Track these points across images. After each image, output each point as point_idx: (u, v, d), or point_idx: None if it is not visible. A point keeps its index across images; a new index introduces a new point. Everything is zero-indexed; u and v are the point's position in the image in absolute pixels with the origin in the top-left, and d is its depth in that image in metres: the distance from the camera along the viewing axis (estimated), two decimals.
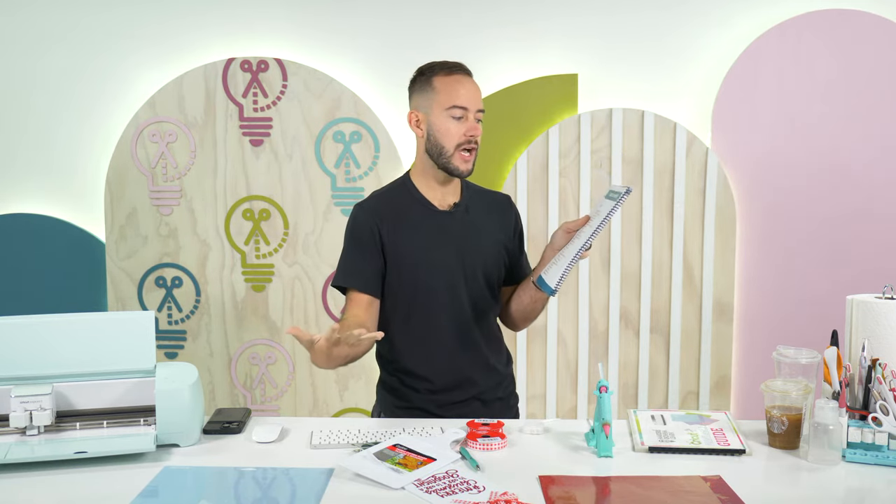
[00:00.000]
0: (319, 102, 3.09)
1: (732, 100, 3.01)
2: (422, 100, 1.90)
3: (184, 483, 1.52)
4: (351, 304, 1.89)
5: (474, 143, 1.87)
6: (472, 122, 1.86)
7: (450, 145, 1.86)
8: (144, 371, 1.73)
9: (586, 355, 3.11)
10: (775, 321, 3.06)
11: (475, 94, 1.87)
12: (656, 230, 3.05)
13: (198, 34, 3.13)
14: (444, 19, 3.08)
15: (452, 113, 1.85)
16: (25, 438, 1.64)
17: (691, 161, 3.02)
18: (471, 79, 1.90)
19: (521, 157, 3.05)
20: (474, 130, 1.86)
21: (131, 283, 3.17)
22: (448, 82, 1.87)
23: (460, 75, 1.88)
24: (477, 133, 1.86)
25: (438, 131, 1.86)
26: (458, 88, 1.86)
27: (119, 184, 3.14)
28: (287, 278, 3.15)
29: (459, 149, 1.86)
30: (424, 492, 1.44)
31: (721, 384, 3.08)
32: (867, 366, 1.60)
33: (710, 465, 1.59)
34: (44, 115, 3.19)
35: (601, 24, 3.06)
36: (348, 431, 1.74)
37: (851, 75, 2.96)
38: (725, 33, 3.03)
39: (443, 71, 1.88)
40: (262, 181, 3.13)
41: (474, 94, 1.87)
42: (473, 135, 1.86)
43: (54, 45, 3.16)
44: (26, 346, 1.69)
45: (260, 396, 3.19)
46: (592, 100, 3.07)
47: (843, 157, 3.00)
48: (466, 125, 1.86)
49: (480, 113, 1.88)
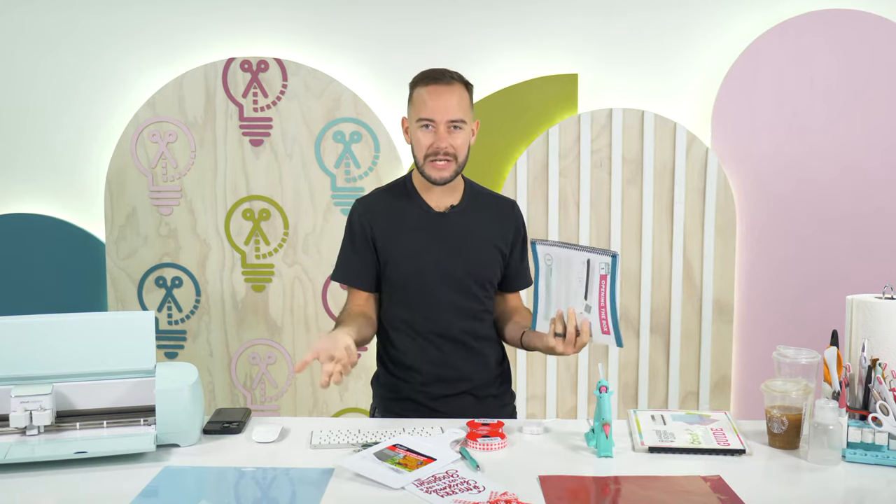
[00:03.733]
0: (319, 102, 3.09)
1: (732, 100, 3.01)
2: (408, 110, 1.95)
3: (184, 483, 1.52)
4: (352, 295, 2.00)
5: (444, 153, 1.87)
6: (442, 132, 1.86)
7: (419, 155, 1.90)
8: (144, 371, 1.73)
9: (586, 355, 3.11)
10: (775, 321, 3.06)
11: (447, 103, 1.86)
12: (656, 230, 3.05)
13: (198, 34, 3.13)
14: (444, 19, 3.08)
15: (421, 124, 1.88)
16: (25, 438, 1.64)
17: (691, 161, 3.02)
18: (449, 87, 1.87)
19: (521, 157, 3.05)
20: (441, 141, 1.86)
21: (131, 283, 3.17)
22: (420, 94, 1.89)
23: (435, 86, 1.87)
24: (444, 144, 1.86)
25: (413, 141, 1.92)
26: (427, 100, 1.87)
27: (119, 184, 3.14)
28: (287, 278, 3.15)
29: (428, 159, 1.88)
30: (424, 492, 1.44)
31: (721, 384, 3.08)
32: (867, 366, 1.60)
33: (710, 465, 1.59)
34: (44, 116, 3.19)
35: (601, 24, 3.06)
36: (348, 431, 1.74)
37: (851, 75, 2.96)
38: (725, 33, 3.03)
39: (421, 82, 1.90)
40: (262, 181, 3.13)
41: (445, 105, 1.86)
42: (440, 146, 1.86)
43: (54, 45, 3.16)
44: (26, 346, 1.69)
45: (260, 396, 3.19)
46: (592, 100, 3.07)
47: (843, 156, 3.00)
48: (433, 136, 1.87)
49: (455, 123, 1.87)
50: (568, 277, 1.71)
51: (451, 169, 1.89)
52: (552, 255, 1.72)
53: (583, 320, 1.70)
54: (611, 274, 1.63)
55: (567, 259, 1.70)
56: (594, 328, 1.70)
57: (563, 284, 1.72)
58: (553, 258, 1.72)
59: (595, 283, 1.66)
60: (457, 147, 1.88)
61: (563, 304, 1.72)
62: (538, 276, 1.76)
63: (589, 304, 1.68)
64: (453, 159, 1.88)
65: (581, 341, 1.71)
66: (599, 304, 1.66)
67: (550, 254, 1.72)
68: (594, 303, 1.68)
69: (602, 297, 1.66)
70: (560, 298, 1.73)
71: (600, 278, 1.65)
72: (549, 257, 1.73)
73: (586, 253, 1.67)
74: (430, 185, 1.94)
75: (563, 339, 1.72)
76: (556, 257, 1.71)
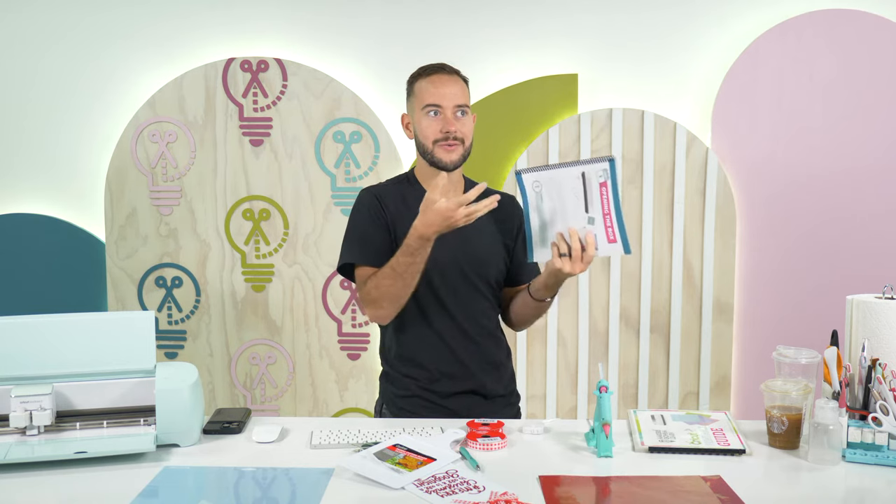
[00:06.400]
0: (319, 102, 3.09)
1: (732, 100, 3.01)
2: (409, 105, 1.98)
3: (184, 483, 1.52)
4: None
5: (452, 138, 1.89)
6: (449, 117, 1.89)
7: (427, 142, 1.92)
8: (144, 371, 1.73)
9: (586, 355, 3.11)
10: (775, 321, 3.06)
11: (452, 90, 1.91)
12: (656, 230, 3.05)
13: (198, 34, 3.13)
14: (444, 19, 3.08)
15: (427, 111, 1.91)
16: (25, 438, 1.64)
17: (691, 161, 3.02)
18: (451, 77, 1.93)
19: (521, 157, 3.05)
20: (450, 125, 1.89)
21: (131, 283, 3.17)
22: (424, 84, 1.93)
23: (438, 75, 1.93)
24: (453, 128, 1.89)
25: (419, 130, 1.93)
26: (432, 88, 1.91)
27: (119, 184, 3.14)
28: (287, 278, 3.15)
29: (438, 144, 1.90)
30: (424, 492, 1.44)
31: (721, 384, 3.08)
32: (867, 366, 1.60)
33: (710, 465, 1.59)
34: (44, 115, 3.19)
35: (601, 24, 3.06)
36: (348, 431, 1.74)
37: (851, 75, 2.96)
38: (725, 33, 3.03)
39: (424, 74, 1.94)
40: (262, 181, 3.13)
41: (450, 91, 1.90)
42: (449, 130, 1.89)
43: (54, 45, 3.16)
44: (26, 346, 1.69)
45: (260, 396, 3.19)
46: (592, 100, 3.07)
47: (843, 156, 2.99)
48: (442, 121, 1.90)
49: (461, 108, 1.91)
50: (562, 197, 1.70)
51: (459, 152, 1.92)
52: (540, 181, 1.72)
53: (586, 233, 1.70)
54: (611, 179, 1.64)
55: (557, 179, 1.70)
56: (599, 239, 1.70)
57: (557, 206, 1.72)
58: (542, 183, 1.72)
59: (595, 192, 1.66)
60: (464, 132, 1.91)
61: (560, 226, 1.72)
62: (527, 207, 1.76)
63: (591, 216, 1.69)
64: (461, 143, 1.91)
65: (588, 255, 1.71)
66: (603, 211, 1.67)
67: (538, 179, 1.72)
68: (597, 213, 1.68)
69: (605, 204, 1.66)
70: (556, 221, 1.73)
71: (600, 186, 1.65)
72: (537, 184, 1.72)
73: (579, 167, 1.67)
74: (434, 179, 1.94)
75: (570, 259, 1.72)
76: (544, 181, 1.71)
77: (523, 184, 1.75)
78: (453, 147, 1.90)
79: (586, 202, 1.68)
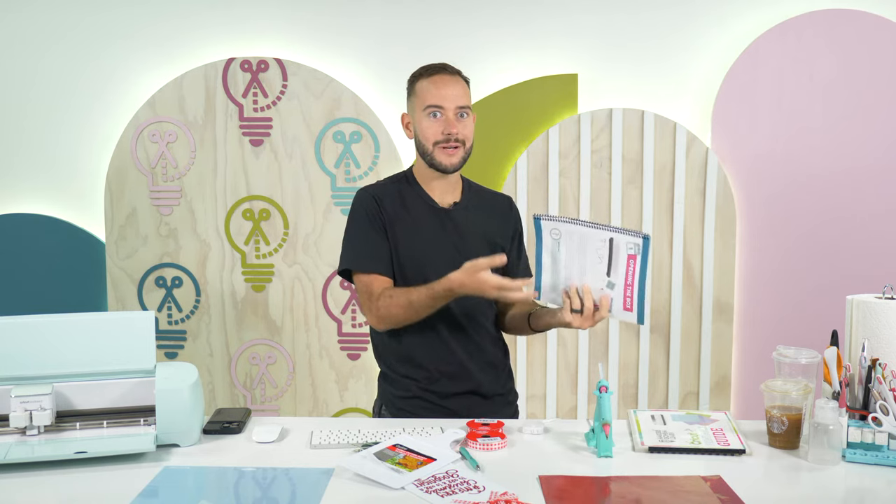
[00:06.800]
0: (319, 102, 3.09)
1: (732, 100, 3.01)
2: (409, 105, 1.97)
3: (184, 483, 1.52)
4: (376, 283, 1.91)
5: (454, 140, 1.89)
6: (451, 119, 1.89)
7: (427, 144, 1.91)
8: (144, 371, 1.73)
9: (586, 355, 3.11)
10: (775, 321, 3.06)
11: (454, 91, 1.90)
12: (656, 230, 3.05)
13: (198, 34, 3.13)
14: (444, 19, 3.08)
15: (429, 112, 1.90)
16: (25, 438, 1.64)
17: (691, 161, 3.02)
18: (453, 77, 1.93)
19: (521, 157, 3.05)
20: (451, 127, 1.89)
21: (131, 283, 3.17)
22: (425, 84, 1.92)
23: (440, 76, 1.92)
24: (454, 129, 1.89)
25: (420, 131, 1.93)
26: (433, 88, 1.90)
27: (119, 184, 3.14)
28: (287, 278, 3.15)
29: (438, 146, 1.90)
30: (424, 492, 1.44)
31: (721, 384, 3.08)
32: (867, 366, 1.60)
33: (710, 465, 1.59)
34: (44, 115, 3.19)
35: (601, 24, 3.06)
36: (348, 431, 1.74)
37: (851, 75, 2.96)
38: (725, 33, 3.03)
39: (425, 74, 1.94)
40: (262, 181, 3.13)
41: (452, 92, 1.90)
42: (451, 132, 1.88)
43: (54, 45, 3.16)
44: (26, 346, 1.69)
45: (260, 396, 3.19)
46: (592, 100, 3.07)
47: (843, 156, 2.99)
48: (443, 123, 1.89)
49: (463, 109, 1.91)
50: (583, 253, 1.72)
51: (459, 155, 1.91)
52: (560, 230, 1.73)
53: (602, 295, 1.72)
54: (641, 255, 1.66)
55: (580, 235, 1.72)
56: (615, 304, 1.73)
57: (574, 259, 1.73)
58: (561, 233, 1.73)
59: (621, 261, 1.69)
60: (466, 134, 1.91)
61: (576, 279, 1.74)
62: (541, 248, 1.77)
63: (613, 281, 1.71)
64: (462, 145, 1.91)
65: (600, 315, 1.73)
66: (626, 282, 1.69)
67: (558, 228, 1.73)
68: (619, 280, 1.70)
69: (629, 275, 1.69)
70: (571, 272, 1.74)
71: (628, 257, 1.68)
72: (556, 232, 1.74)
73: (608, 232, 1.69)
74: (433, 180, 1.95)
75: (581, 315, 1.74)
76: (564, 232, 1.73)
77: (540, 228, 1.76)
78: (454, 151, 1.90)
79: (609, 266, 1.71)
